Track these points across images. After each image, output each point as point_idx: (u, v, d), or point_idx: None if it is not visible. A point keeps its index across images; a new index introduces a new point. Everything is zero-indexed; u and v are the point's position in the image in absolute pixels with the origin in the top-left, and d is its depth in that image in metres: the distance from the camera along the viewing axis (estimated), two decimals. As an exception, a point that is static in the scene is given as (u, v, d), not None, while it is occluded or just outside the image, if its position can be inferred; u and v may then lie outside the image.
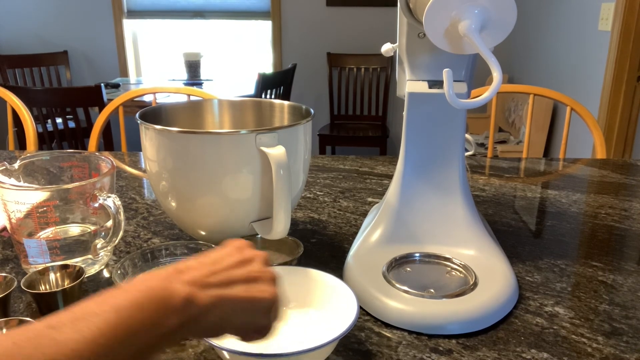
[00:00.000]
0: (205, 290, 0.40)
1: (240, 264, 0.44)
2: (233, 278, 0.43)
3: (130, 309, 0.35)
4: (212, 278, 0.41)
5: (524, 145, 1.50)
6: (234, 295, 0.42)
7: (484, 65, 0.60)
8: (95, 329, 0.33)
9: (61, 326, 0.33)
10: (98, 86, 2.47)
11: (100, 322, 0.34)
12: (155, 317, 0.36)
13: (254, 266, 0.45)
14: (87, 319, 0.34)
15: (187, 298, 0.38)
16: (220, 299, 0.41)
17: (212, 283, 0.41)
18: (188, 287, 0.39)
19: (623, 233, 0.87)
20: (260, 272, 0.45)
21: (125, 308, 0.35)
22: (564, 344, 0.59)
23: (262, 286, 0.44)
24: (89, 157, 0.78)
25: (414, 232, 0.75)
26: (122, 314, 0.35)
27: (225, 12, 3.81)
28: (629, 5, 2.36)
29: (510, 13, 0.59)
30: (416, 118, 0.74)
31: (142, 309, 0.36)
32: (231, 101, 0.89)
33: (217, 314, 0.41)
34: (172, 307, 0.37)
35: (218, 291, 0.41)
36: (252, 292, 0.43)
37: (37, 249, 0.69)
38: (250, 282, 0.43)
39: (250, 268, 0.44)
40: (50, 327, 0.33)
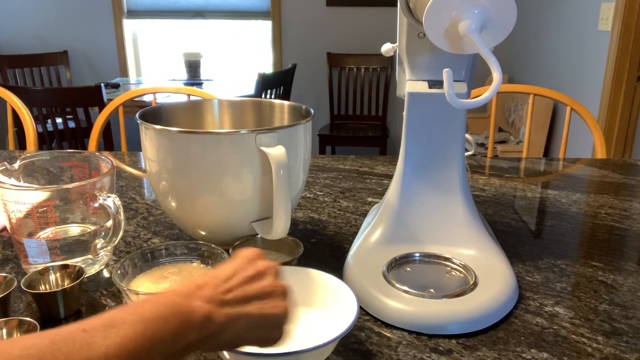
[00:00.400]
0: (222, 308, 0.42)
1: (253, 279, 0.46)
2: (247, 295, 0.44)
3: (157, 321, 0.38)
4: (228, 295, 0.43)
5: (524, 145, 1.50)
6: (248, 312, 0.44)
7: (484, 65, 0.60)
8: (125, 336, 0.36)
9: (94, 331, 0.35)
10: (98, 86, 2.47)
11: (128, 331, 0.36)
12: (177, 331, 0.38)
13: (267, 280, 0.46)
14: (117, 326, 0.36)
15: (206, 316, 0.40)
16: (237, 317, 0.43)
17: (229, 301, 0.43)
18: (207, 305, 0.41)
19: (623, 233, 0.87)
20: (273, 287, 0.46)
21: (151, 320, 0.37)
22: (564, 344, 0.59)
23: (275, 302, 0.46)
24: (89, 157, 0.78)
25: (414, 232, 0.75)
26: (149, 325, 0.37)
27: (225, 12, 3.81)
28: (629, 5, 2.36)
29: (510, 13, 0.59)
30: (416, 118, 0.74)
31: (166, 322, 0.38)
32: (231, 101, 0.89)
33: (233, 331, 0.43)
34: (193, 323, 0.39)
35: (234, 309, 0.43)
36: (265, 310, 0.45)
37: (37, 249, 0.69)
38: (264, 298, 0.45)
39: (263, 283, 0.46)
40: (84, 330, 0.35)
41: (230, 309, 0.43)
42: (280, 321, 0.46)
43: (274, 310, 0.45)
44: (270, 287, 0.46)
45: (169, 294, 0.41)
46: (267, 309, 0.45)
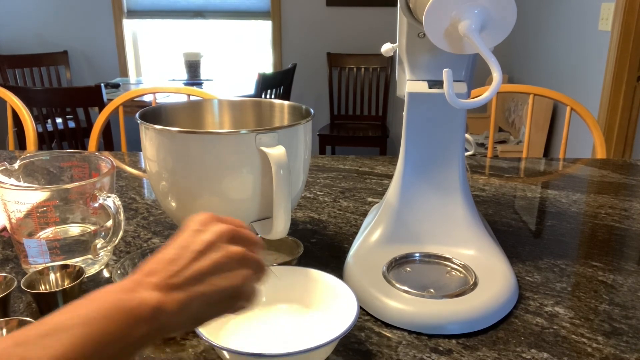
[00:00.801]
0: (172, 293, 0.39)
1: (202, 253, 0.42)
2: (198, 273, 0.41)
3: (100, 321, 0.35)
4: (177, 278, 0.40)
5: (524, 145, 1.50)
6: (202, 292, 0.41)
7: (484, 65, 0.60)
8: (65, 344, 0.33)
9: (29, 343, 0.33)
10: (98, 86, 2.47)
11: (69, 338, 0.33)
12: (124, 328, 0.36)
13: (218, 251, 0.43)
14: (56, 334, 0.33)
15: (155, 307, 0.38)
16: (189, 300, 0.40)
17: (179, 284, 0.40)
18: (155, 293, 0.39)
19: (623, 233, 0.87)
20: (226, 256, 0.43)
21: (94, 320, 0.35)
22: (564, 344, 0.59)
23: (231, 273, 0.43)
24: (89, 157, 0.78)
25: (414, 232, 0.75)
26: (92, 327, 0.34)
27: (225, 12, 3.81)
28: (629, 5, 2.36)
29: (510, 13, 0.59)
30: (416, 118, 0.74)
31: (111, 321, 0.35)
32: (231, 101, 0.89)
33: (189, 313, 0.40)
34: (141, 318, 0.37)
35: (185, 292, 0.40)
36: (220, 284, 0.42)
37: (37, 249, 0.69)
38: (217, 272, 0.42)
39: (215, 256, 0.42)
40: (18, 344, 0.32)
41: (181, 293, 0.40)
42: (241, 291, 0.43)
43: (231, 282, 0.42)
44: (223, 258, 0.43)
45: (112, 289, 0.38)
46: (223, 283, 0.42)
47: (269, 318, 0.60)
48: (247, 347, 0.55)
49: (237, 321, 0.59)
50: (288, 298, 0.63)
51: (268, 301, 0.63)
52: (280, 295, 0.63)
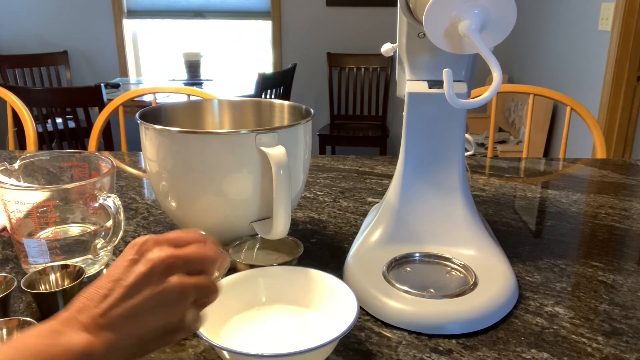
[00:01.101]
0: (103, 333, 0.38)
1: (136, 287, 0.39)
2: (133, 309, 0.39)
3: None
4: (109, 316, 0.38)
5: (524, 145, 1.50)
6: (135, 331, 0.39)
7: (484, 65, 0.60)
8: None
9: None
10: (98, 86, 2.47)
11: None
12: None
13: (153, 285, 0.40)
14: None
15: (82, 352, 0.36)
16: (121, 339, 0.38)
17: (110, 323, 0.38)
18: (84, 335, 0.37)
19: (623, 233, 0.87)
20: (161, 291, 0.40)
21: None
22: (564, 344, 0.59)
23: (167, 309, 0.40)
24: (89, 157, 0.78)
25: (414, 232, 0.75)
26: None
27: (225, 12, 3.81)
28: (629, 5, 2.36)
29: (510, 13, 0.59)
30: (416, 118, 0.74)
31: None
32: (231, 101, 0.89)
33: (121, 353, 0.39)
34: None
35: (117, 333, 0.38)
36: (154, 323, 0.39)
37: (37, 249, 0.69)
38: (151, 309, 0.39)
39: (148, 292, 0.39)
40: None
41: (112, 333, 0.38)
42: (178, 326, 0.41)
43: (167, 319, 0.40)
44: (158, 294, 0.39)
45: (36, 334, 0.35)
46: (158, 321, 0.39)
47: (269, 318, 0.60)
48: (247, 347, 0.55)
49: (237, 321, 0.59)
50: (288, 298, 0.63)
51: (268, 301, 0.63)
52: (280, 295, 0.63)
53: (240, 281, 0.62)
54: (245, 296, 0.62)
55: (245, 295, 0.62)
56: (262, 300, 0.63)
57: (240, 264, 0.70)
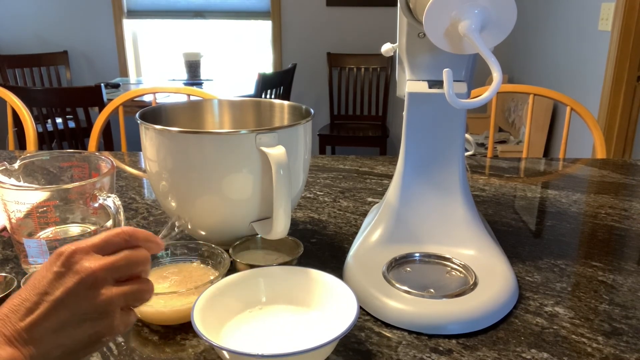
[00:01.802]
0: (28, 346, 0.37)
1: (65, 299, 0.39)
2: (60, 323, 0.38)
3: None
4: (34, 331, 0.37)
5: (524, 145, 1.50)
6: (62, 343, 0.38)
7: (484, 65, 0.60)
8: None
9: None
10: (98, 86, 2.47)
11: None
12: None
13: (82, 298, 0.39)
14: None
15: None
16: (47, 352, 0.38)
17: (36, 337, 0.37)
18: (9, 349, 0.36)
19: (623, 233, 0.87)
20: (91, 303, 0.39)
21: None
22: (564, 344, 0.59)
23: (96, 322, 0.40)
24: (89, 157, 0.78)
25: (414, 232, 0.75)
26: None
27: (225, 12, 3.81)
28: (629, 5, 2.36)
29: (510, 13, 0.59)
30: (416, 118, 0.74)
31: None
32: (231, 101, 0.89)
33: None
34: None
35: (43, 346, 0.38)
36: (83, 334, 0.39)
37: (37, 249, 0.69)
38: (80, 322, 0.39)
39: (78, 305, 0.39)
40: None
41: (38, 346, 0.37)
42: (103, 339, 0.41)
43: (95, 330, 0.40)
44: (86, 307, 0.39)
45: None
46: (85, 332, 0.39)
47: (269, 318, 0.60)
48: (247, 347, 0.55)
49: (237, 321, 0.60)
50: (288, 298, 0.63)
51: (268, 301, 0.63)
52: (280, 295, 0.63)
53: (240, 281, 0.62)
54: (245, 296, 0.62)
55: (245, 295, 0.62)
56: (262, 300, 0.63)
57: (240, 264, 0.70)
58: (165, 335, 0.60)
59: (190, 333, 0.60)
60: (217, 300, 0.59)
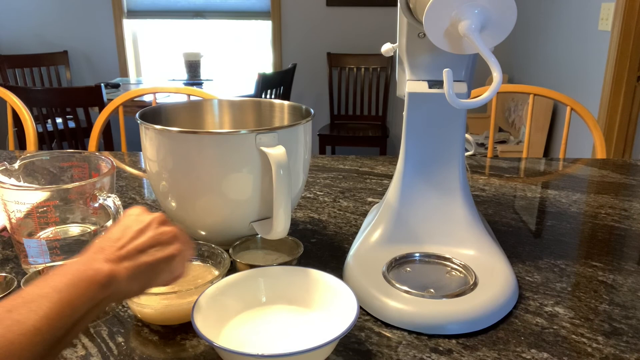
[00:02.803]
0: (121, 263, 0.48)
1: (141, 232, 0.52)
2: (140, 247, 0.50)
3: (69, 289, 0.43)
4: (123, 251, 0.49)
5: (524, 145, 1.50)
6: (145, 261, 0.50)
7: (484, 65, 0.60)
8: (46, 308, 0.41)
9: (17, 309, 0.40)
10: (98, 86, 2.47)
11: (48, 303, 0.41)
12: (88, 293, 0.44)
13: (152, 230, 0.52)
14: (36, 300, 0.41)
15: (109, 274, 0.46)
16: (136, 267, 0.49)
17: (125, 256, 0.49)
18: (107, 264, 0.47)
19: (623, 233, 0.87)
20: (160, 234, 0.52)
21: (64, 289, 0.43)
22: (564, 344, 0.59)
23: (166, 246, 0.52)
24: (89, 157, 0.78)
25: (414, 232, 0.75)
26: (63, 294, 0.42)
27: (225, 12, 3.81)
28: (629, 5, 2.36)
29: (510, 13, 0.59)
30: (416, 118, 0.74)
31: (77, 287, 0.44)
32: (231, 101, 0.89)
33: (138, 280, 0.49)
34: (99, 283, 0.45)
35: (131, 262, 0.49)
36: (159, 255, 0.51)
37: (37, 249, 0.69)
38: (155, 245, 0.51)
39: (151, 234, 0.52)
40: (9, 311, 0.40)
41: (129, 262, 0.48)
42: (176, 259, 0.53)
43: (166, 252, 0.52)
44: (158, 235, 0.52)
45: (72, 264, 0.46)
46: (160, 254, 0.51)
47: (269, 318, 0.60)
48: (247, 347, 0.55)
49: (237, 321, 0.60)
50: (288, 298, 0.63)
51: (268, 301, 0.63)
52: (280, 295, 0.63)
53: (240, 281, 0.62)
54: (245, 296, 0.62)
55: (245, 295, 0.62)
56: (262, 300, 0.63)
57: (240, 264, 0.70)
58: (165, 335, 0.60)
59: (190, 333, 0.60)
60: (217, 300, 0.59)
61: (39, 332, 0.40)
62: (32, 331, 0.39)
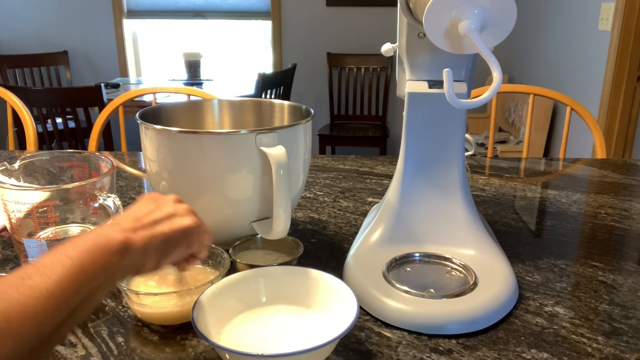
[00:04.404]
0: (136, 232, 0.48)
1: (158, 207, 0.53)
2: (156, 219, 0.51)
3: (82, 256, 0.43)
4: (139, 223, 0.50)
5: (524, 145, 1.50)
6: (161, 231, 0.50)
7: (484, 65, 0.60)
8: (59, 273, 0.41)
9: (30, 276, 0.40)
10: (98, 86, 2.47)
11: (61, 269, 0.42)
12: (102, 260, 0.44)
13: (169, 206, 0.53)
14: (50, 267, 0.41)
15: (123, 242, 0.46)
16: (151, 237, 0.49)
17: (140, 226, 0.49)
18: (122, 233, 0.47)
19: (623, 233, 0.87)
20: (175, 208, 0.53)
21: (77, 256, 0.43)
22: (564, 344, 0.59)
23: (182, 218, 0.53)
24: (89, 157, 0.78)
25: (414, 232, 0.75)
26: (76, 260, 0.43)
27: (225, 12, 3.81)
28: (629, 5, 2.36)
29: (510, 13, 0.59)
30: (416, 118, 0.74)
31: (91, 254, 0.44)
32: (231, 101, 0.89)
33: (154, 251, 0.49)
34: (114, 250, 0.45)
35: (147, 232, 0.49)
36: (175, 226, 0.52)
37: (37, 249, 0.69)
38: (171, 217, 0.52)
39: (167, 208, 0.53)
40: (22, 277, 0.40)
41: (144, 232, 0.49)
42: (193, 232, 0.53)
43: (185, 224, 0.52)
44: (173, 210, 0.53)
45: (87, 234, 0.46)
46: (176, 225, 0.52)
47: (269, 318, 0.60)
48: (247, 347, 0.55)
49: (237, 321, 0.60)
50: (288, 298, 0.63)
51: (268, 301, 0.63)
52: (280, 295, 0.63)
53: (240, 281, 0.62)
54: (245, 296, 0.62)
55: (245, 295, 0.62)
56: (262, 300, 0.63)
57: (240, 264, 0.70)
58: (165, 335, 0.60)
59: (190, 333, 0.60)
60: (217, 300, 0.59)
61: (52, 295, 0.40)
62: (45, 294, 0.40)
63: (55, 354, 0.56)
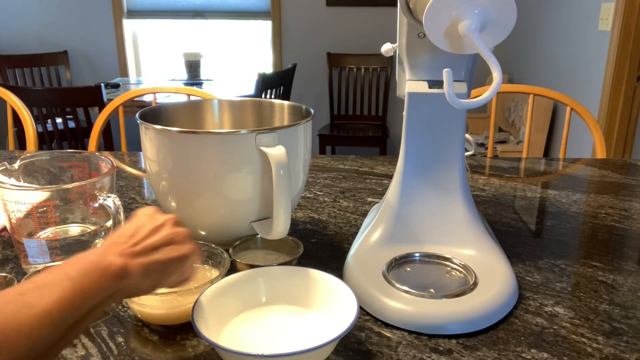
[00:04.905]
0: (134, 259, 0.49)
1: (154, 231, 0.52)
2: (153, 245, 0.51)
3: (81, 278, 0.44)
4: (136, 248, 0.50)
5: (524, 145, 1.50)
6: (158, 259, 0.50)
7: (484, 65, 0.60)
8: (58, 293, 0.42)
9: (29, 293, 0.41)
10: (98, 86, 2.47)
11: (59, 288, 0.42)
12: (100, 284, 0.45)
13: (166, 230, 0.53)
14: (49, 286, 0.42)
15: (122, 267, 0.47)
16: (149, 264, 0.49)
17: (138, 252, 0.49)
18: (121, 258, 0.47)
19: (623, 233, 0.87)
20: (173, 234, 0.53)
21: (77, 277, 0.44)
22: (564, 344, 0.59)
23: (178, 246, 0.53)
24: (89, 157, 0.78)
25: (414, 232, 0.75)
26: (75, 282, 0.43)
27: (225, 12, 3.81)
28: (629, 5, 2.36)
29: (510, 13, 0.59)
30: (416, 118, 0.74)
31: (90, 276, 0.44)
32: (231, 101, 0.89)
33: (149, 277, 0.50)
34: (112, 275, 0.46)
35: (144, 258, 0.49)
36: (172, 254, 0.52)
37: (37, 249, 0.69)
38: (168, 245, 0.52)
39: (164, 233, 0.53)
40: (20, 294, 0.41)
41: (142, 259, 0.49)
42: (188, 260, 0.54)
43: (180, 252, 0.52)
44: (171, 235, 0.53)
45: (85, 255, 0.47)
46: (174, 253, 0.52)
47: (269, 318, 0.60)
48: (247, 347, 0.55)
49: (237, 321, 0.60)
50: (288, 298, 0.63)
51: (268, 301, 0.63)
52: (280, 295, 0.63)
53: (240, 281, 0.62)
54: (245, 296, 0.62)
55: (245, 295, 0.62)
56: (262, 300, 0.63)
57: (240, 264, 0.70)
58: (165, 335, 0.60)
59: (190, 333, 0.60)
60: (217, 300, 0.59)
61: (50, 315, 0.40)
62: (42, 314, 0.40)
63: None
